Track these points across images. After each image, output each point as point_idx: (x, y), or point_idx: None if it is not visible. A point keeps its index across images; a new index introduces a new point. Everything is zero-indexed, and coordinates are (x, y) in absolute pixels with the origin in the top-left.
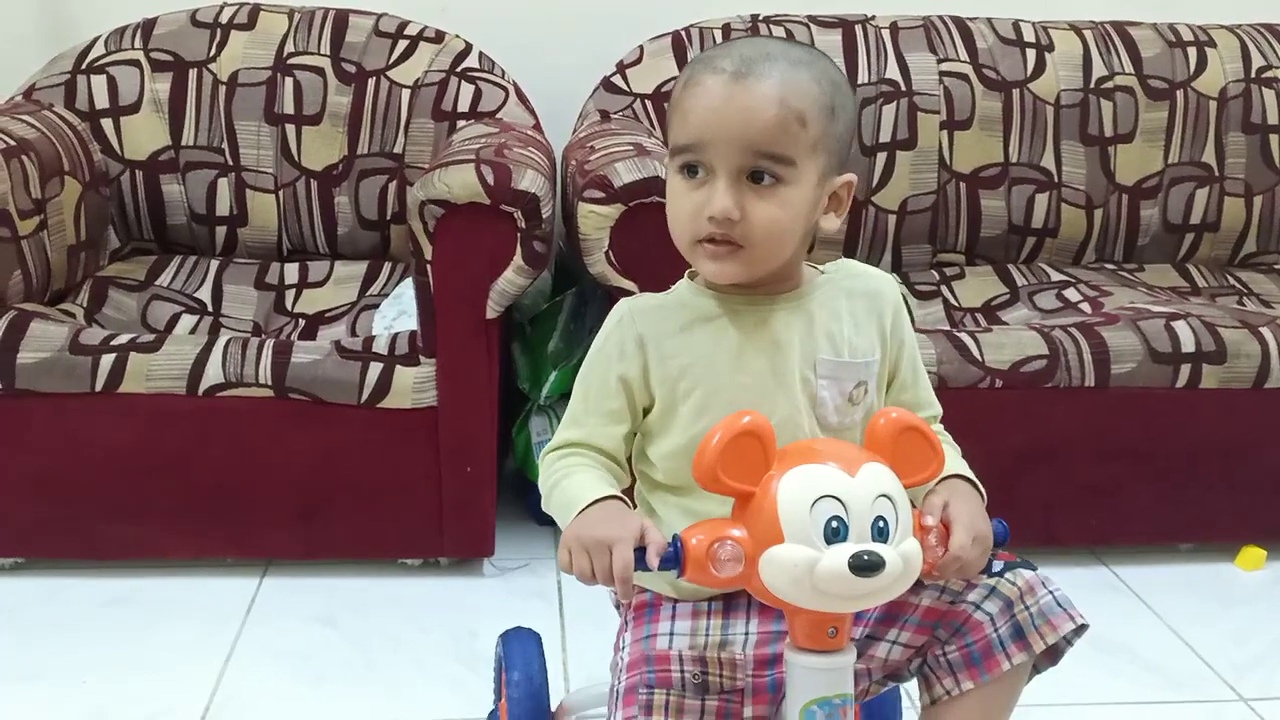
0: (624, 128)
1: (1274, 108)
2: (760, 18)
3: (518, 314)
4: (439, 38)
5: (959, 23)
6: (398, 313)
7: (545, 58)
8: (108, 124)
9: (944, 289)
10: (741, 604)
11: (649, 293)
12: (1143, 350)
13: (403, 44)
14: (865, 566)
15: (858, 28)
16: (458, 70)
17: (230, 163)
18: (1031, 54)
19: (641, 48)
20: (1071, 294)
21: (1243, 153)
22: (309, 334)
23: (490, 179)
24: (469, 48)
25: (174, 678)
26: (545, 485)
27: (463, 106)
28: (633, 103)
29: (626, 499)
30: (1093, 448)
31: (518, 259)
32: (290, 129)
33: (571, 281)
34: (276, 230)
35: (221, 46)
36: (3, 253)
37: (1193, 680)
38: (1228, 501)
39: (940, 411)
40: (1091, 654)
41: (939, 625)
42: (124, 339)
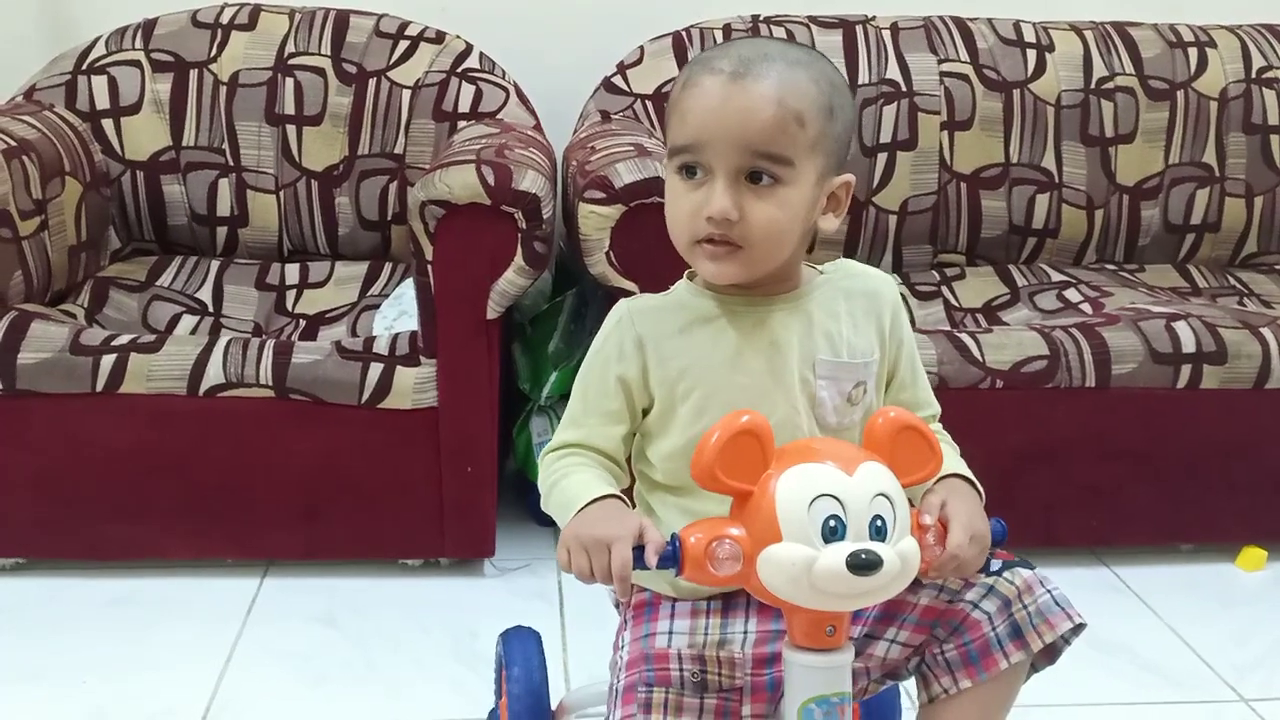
0: (625, 128)
1: (1274, 108)
2: (761, 18)
3: (518, 314)
4: (439, 38)
5: (959, 23)
6: (398, 313)
7: (546, 58)
8: (108, 124)
9: (944, 289)
10: (740, 603)
11: (648, 293)
12: (1143, 351)
13: (403, 44)
14: (863, 565)
15: (858, 28)
16: (458, 71)
17: (231, 163)
18: (1032, 54)
19: (642, 48)
20: (1072, 294)
21: (1243, 153)
22: (309, 334)
23: (491, 179)
24: (469, 48)
25: (175, 678)
26: (544, 485)
27: (463, 107)
28: (633, 103)
29: (625, 498)
30: (1093, 448)
31: (518, 259)
32: (291, 129)
33: (572, 282)
34: (277, 231)
35: (222, 47)
36: (3, 253)
37: (1193, 681)
38: (1228, 502)
39: (939, 411)
40: (1092, 654)
41: (937, 624)
42: (125, 339)
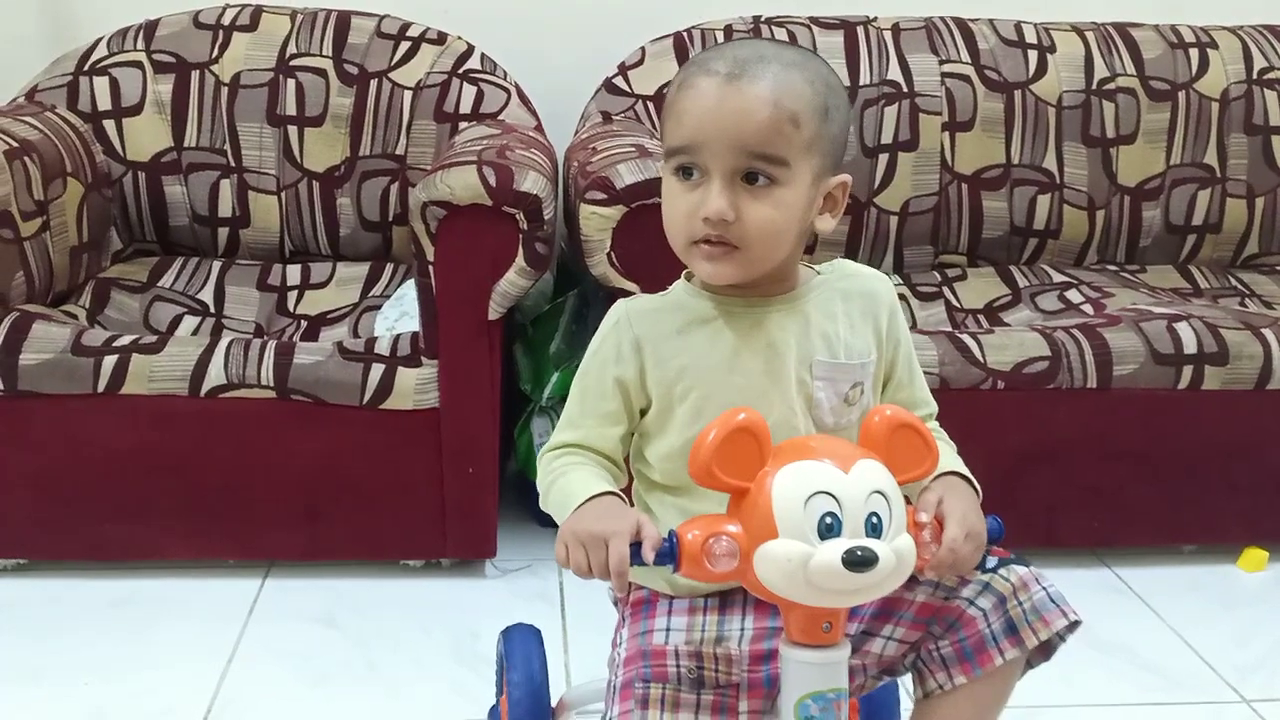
0: (626, 129)
1: (1276, 109)
2: (762, 19)
3: (520, 315)
4: (441, 39)
5: (961, 24)
6: (400, 314)
7: (547, 59)
8: (110, 125)
9: (946, 290)
10: (737, 600)
11: (646, 294)
12: (1145, 351)
13: (405, 45)
14: (858, 562)
15: (859, 29)
16: (459, 72)
17: (232, 164)
18: (1033, 55)
19: (643, 49)
20: (1073, 295)
21: (1244, 154)
22: (311, 335)
23: (492, 180)
24: (471, 49)
25: (176, 678)
26: (543, 484)
27: (465, 108)
28: (634, 104)
29: (623, 495)
30: (1095, 449)
31: (520, 260)
32: (292, 130)
33: (573, 283)
34: (278, 231)
35: (224, 48)
36: (5, 254)
37: (1195, 682)
38: (1230, 503)
39: (936, 409)
40: (1093, 655)
41: (933, 621)
42: (126, 340)
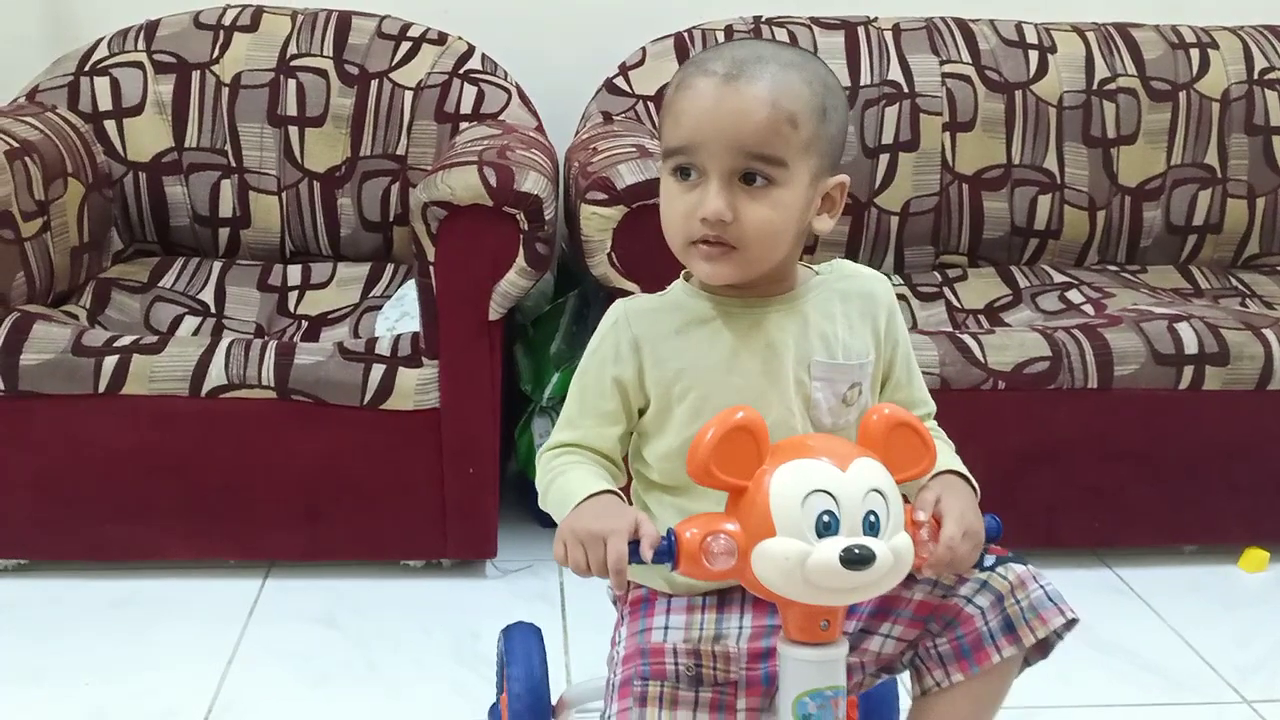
0: (626, 129)
1: (1277, 109)
2: (763, 19)
3: (520, 316)
4: (441, 40)
5: (961, 24)
6: (400, 314)
7: (548, 59)
8: (111, 126)
9: (946, 290)
10: (735, 599)
11: (644, 294)
12: (1145, 352)
13: (405, 46)
14: (856, 560)
15: (860, 29)
16: (460, 72)
17: (233, 164)
18: (1034, 55)
19: (644, 49)
20: (1074, 295)
21: (1245, 154)
22: (311, 335)
23: (493, 181)
24: (471, 50)
25: (177, 678)
26: (542, 483)
27: (465, 108)
28: (635, 104)
29: (621, 494)
30: (1095, 449)
31: (520, 261)
32: (293, 130)
33: (574, 283)
34: (279, 232)
35: (224, 48)
36: (6, 254)
37: (1196, 682)
38: (1231, 503)
39: (934, 409)
40: (1094, 655)
41: (931, 619)
42: (127, 341)
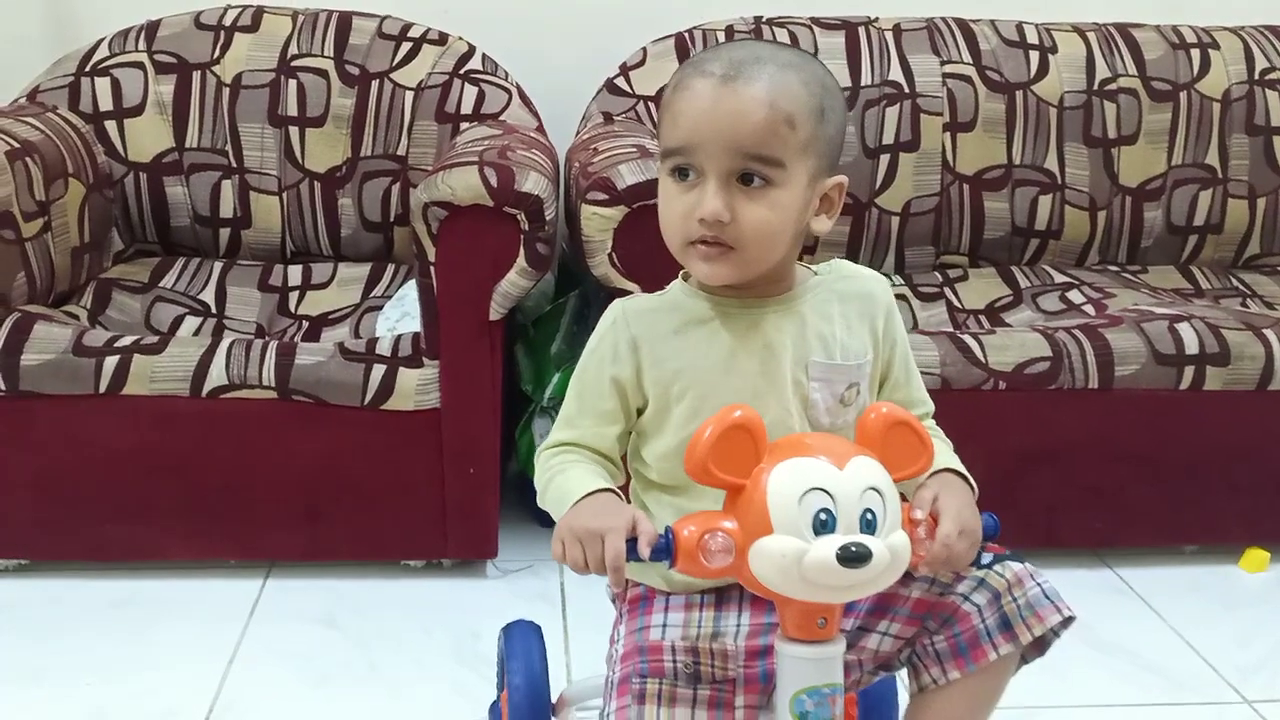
0: (627, 129)
1: (1278, 109)
2: (764, 19)
3: (521, 316)
4: (442, 40)
5: (962, 24)
6: (401, 314)
7: (548, 60)
8: (111, 126)
9: (947, 291)
10: (733, 597)
11: (643, 294)
12: (1146, 352)
13: (406, 46)
14: (852, 558)
15: (861, 29)
16: (461, 72)
17: (234, 165)
18: (1035, 56)
19: (644, 49)
20: (1075, 296)
21: (1246, 154)
22: (312, 336)
23: (493, 181)
24: (472, 50)
25: (177, 679)
26: (540, 481)
27: (466, 108)
28: (636, 104)
29: (619, 492)
30: (1096, 450)
31: (521, 261)
32: (294, 131)
33: (575, 283)
34: (280, 232)
35: (225, 48)
36: (7, 255)
37: (1196, 682)
38: (1231, 503)
39: (933, 408)
40: (1095, 656)
41: (929, 616)
42: (128, 341)
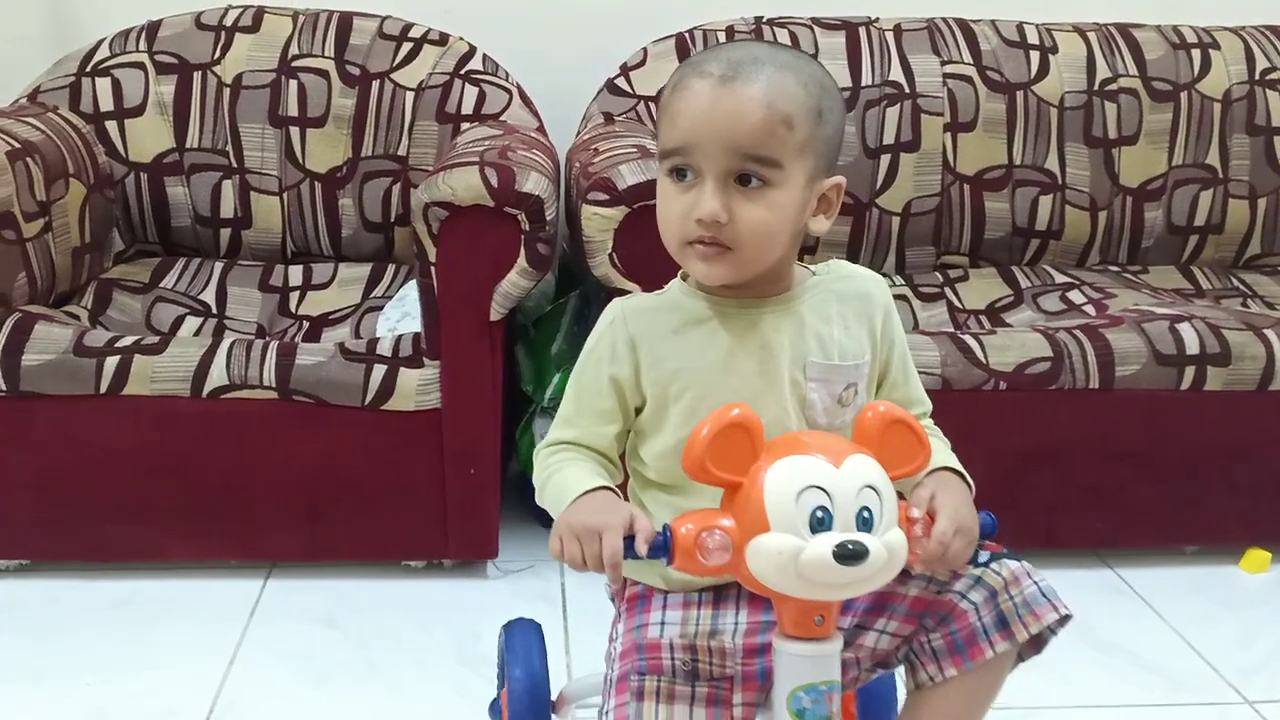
0: (628, 130)
1: (1278, 109)
2: (764, 20)
3: (521, 316)
4: (443, 40)
5: (962, 25)
6: (401, 315)
7: (549, 60)
8: (112, 126)
9: (948, 291)
10: (731, 595)
11: (642, 293)
12: (1147, 352)
13: (407, 46)
14: (849, 555)
15: (861, 30)
16: (461, 73)
17: (234, 165)
18: (1035, 56)
19: (645, 50)
20: (1075, 296)
21: (1247, 155)
22: (313, 336)
23: (494, 181)
24: (473, 50)
25: (178, 679)
26: (539, 479)
27: (466, 109)
28: (636, 105)
29: (617, 490)
30: (1097, 450)
31: (521, 261)
32: (294, 131)
33: (575, 284)
34: (280, 232)
35: (226, 49)
36: (7, 255)
37: (1197, 683)
38: (1232, 504)
39: (930, 407)
40: (1095, 656)
41: (926, 614)
42: (128, 341)
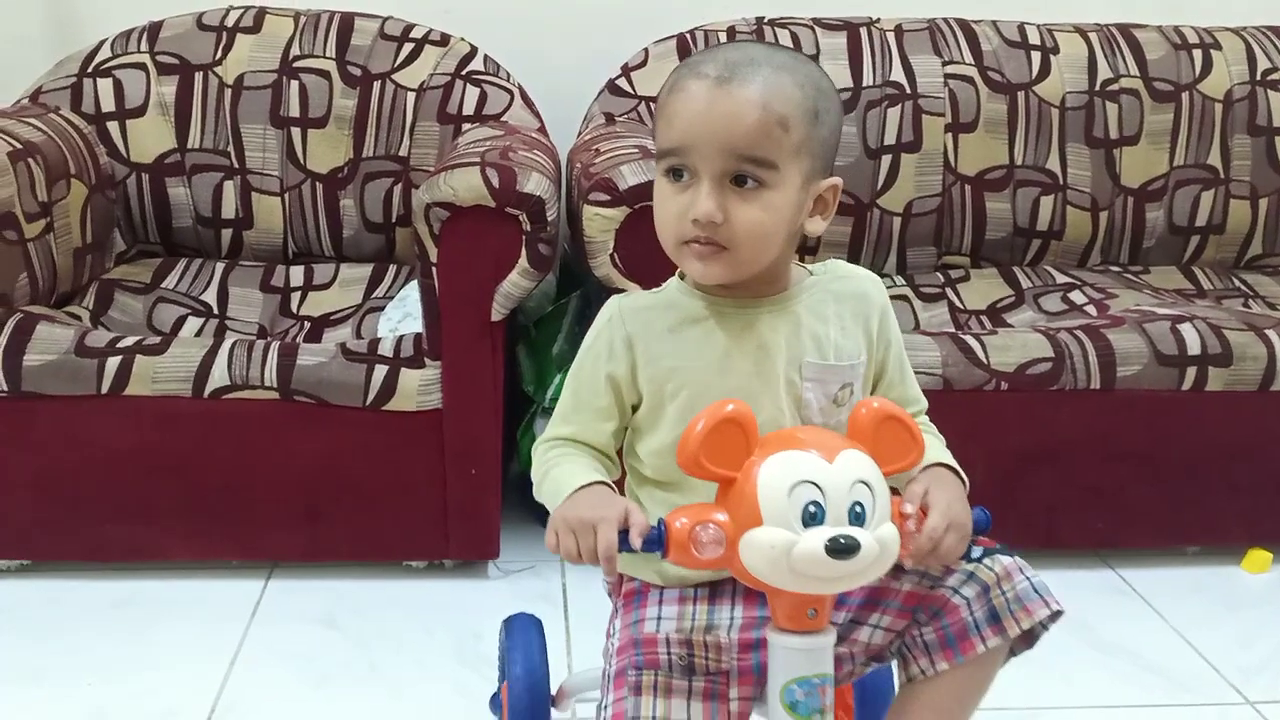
0: (629, 130)
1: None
2: (765, 20)
3: (522, 317)
4: (444, 41)
5: (964, 25)
6: (403, 315)
7: (550, 60)
8: (114, 127)
9: (949, 291)
10: (727, 591)
11: (639, 291)
12: (1148, 352)
13: (408, 47)
14: (841, 549)
15: (862, 30)
16: (463, 73)
17: (236, 165)
18: (1036, 56)
19: (646, 50)
20: (1077, 296)
21: (1248, 155)
22: (314, 336)
23: (495, 182)
24: (474, 51)
25: (178, 679)
26: (537, 474)
27: (468, 109)
28: (637, 105)
29: (613, 485)
30: (1098, 450)
31: (523, 262)
32: (296, 132)
33: (576, 284)
34: (282, 233)
35: (227, 49)
36: (9, 255)
37: (1198, 683)
38: (1233, 504)
39: (926, 405)
40: (1096, 656)
41: (919, 609)
42: (130, 341)
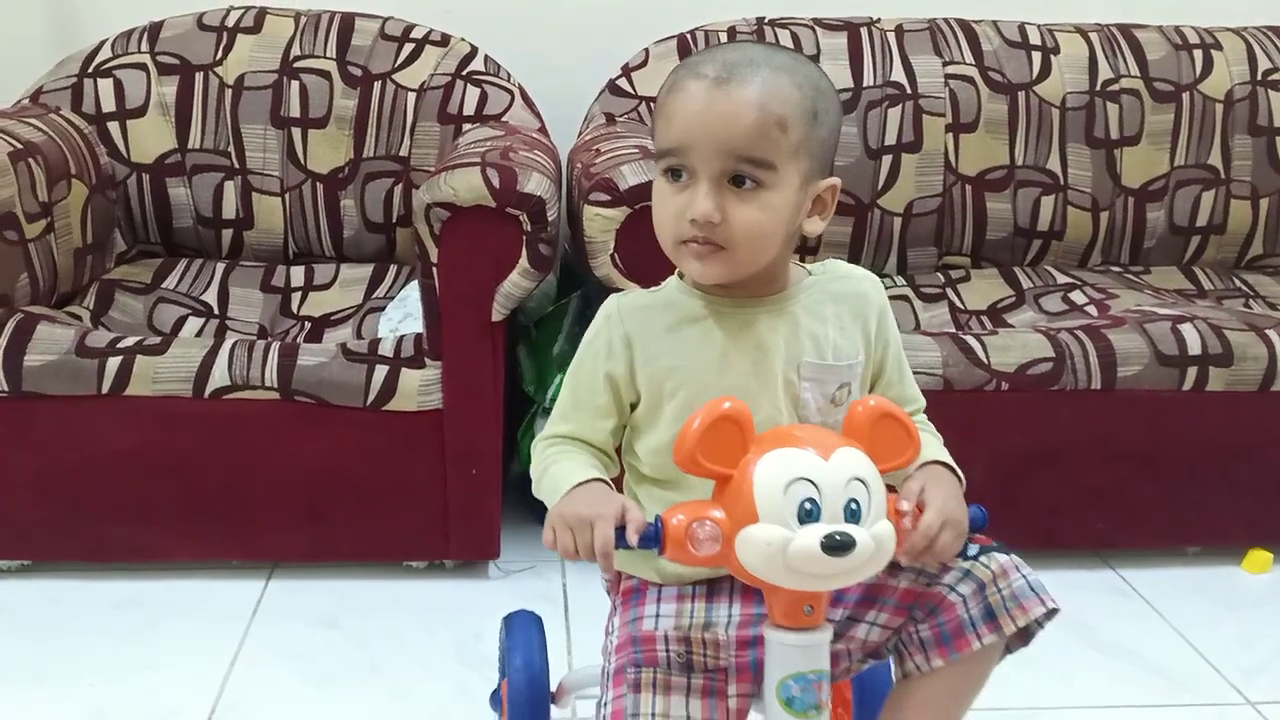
0: (629, 130)
1: None
2: (766, 20)
3: (523, 317)
4: (445, 41)
5: (964, 25)
6: (403, 315)
7: (551, 61)
8: (114, 127)
9: (949, 291)
10: (724, 588)
11: (638, 289)
12: (1149, 353)
13: (409, 47)
14: (836, 546)
15: (863, 30)
16: (463, 73)
17: (236, 166)
18: (1037, 56)
19: (647, 50)
20: (1077, 296)
21: (1249, 155)
22: (315, 337)
23: (496, 182)
24: (474, 51)
25: (179, 679)
26: (536, 472)
27: (468, 109)
28: (638, 105)
29: (610, 483)
30: (1099, 450)
31: (523, 262)
32: (296, 132)
33: (577, 284)
34: (282, 233)
35: (228, 50)
36: (10, 256)
37: (1199, 684)
38: (1234, 504)
39: (924, 404)
40: (1097, 657)
41: (915, 606)
42: (130, 342)
